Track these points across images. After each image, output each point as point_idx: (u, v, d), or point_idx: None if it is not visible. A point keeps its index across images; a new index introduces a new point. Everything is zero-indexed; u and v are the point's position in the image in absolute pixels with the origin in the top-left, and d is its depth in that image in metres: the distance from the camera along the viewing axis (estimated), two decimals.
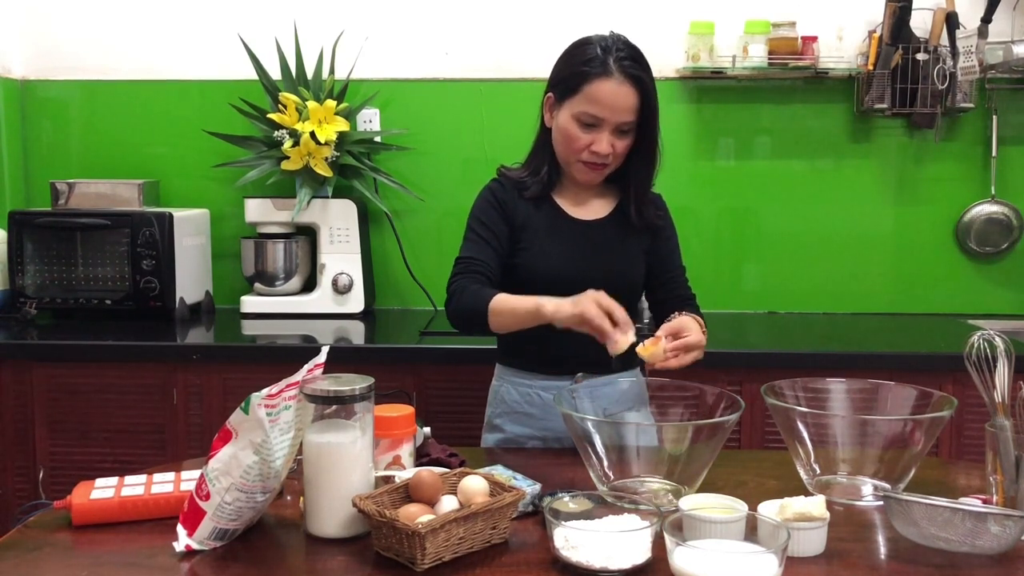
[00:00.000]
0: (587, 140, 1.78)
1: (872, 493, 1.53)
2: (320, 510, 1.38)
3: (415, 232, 3.05)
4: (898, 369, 2.35)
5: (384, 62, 3.02)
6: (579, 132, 1.78)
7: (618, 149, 1.79)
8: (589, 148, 1.78)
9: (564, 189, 1.91)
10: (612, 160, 1.81)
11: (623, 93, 1.75)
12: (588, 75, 1.75)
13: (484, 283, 1.79)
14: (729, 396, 1.60)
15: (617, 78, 1.74)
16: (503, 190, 1.89)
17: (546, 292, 1.77)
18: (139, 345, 2.51)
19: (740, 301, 3.07)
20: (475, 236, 1.86)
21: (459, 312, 1.79)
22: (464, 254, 1.85)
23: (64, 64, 3.07)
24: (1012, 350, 1.44)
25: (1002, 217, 2.98)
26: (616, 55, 1.75)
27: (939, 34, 2.86)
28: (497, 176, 1.95)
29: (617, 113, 1.76)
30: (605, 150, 1.77)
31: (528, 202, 1.88)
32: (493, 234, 1.85)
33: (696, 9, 2.93)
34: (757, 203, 3.04)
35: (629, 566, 1.25)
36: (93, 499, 1.43)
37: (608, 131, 1.77)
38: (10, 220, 2.79)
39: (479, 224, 1.87)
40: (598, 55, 1.76)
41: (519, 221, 1.87)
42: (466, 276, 1.80)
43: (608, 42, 1.78)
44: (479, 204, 1.90)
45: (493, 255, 1.84)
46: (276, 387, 1.32)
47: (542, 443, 1.90)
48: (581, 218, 1.90)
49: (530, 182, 1.88)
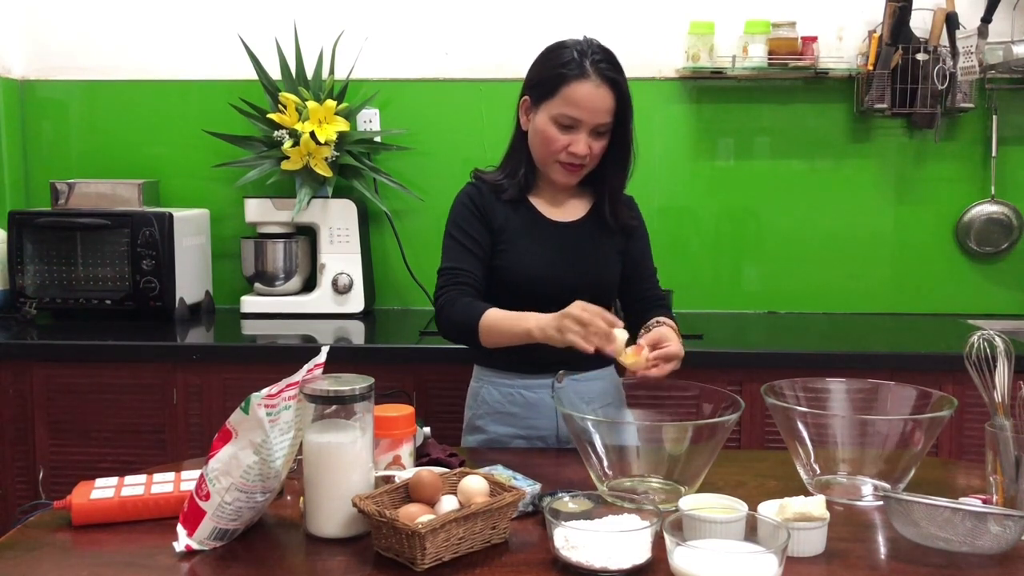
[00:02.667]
0: (565, 141, 1.80)
1: (872, 493, 1.53)
2: (320, 510, 1.38)
3: (415, 232, 3.05)
4: (898, 369, 2.35)
5: (384, 62, 3.02)
6: (557, 134, 1.80)
7: (595, 150, 1.82)
8: (567, 149, 1.80)
9: (540, 191, 1.93)
10: (589, 161, 1.83)
11: (600, 95, 1.77)
12: (566, 77, 1.78)
13: (471, 294, 1.82)
14: (729, 396, 1.60)
15: (594, 80, 1.77)
16: (480, 194, 1.90)
17: (527, 293, 1.82)
18: (139, 345, 2.51)
19: (740, 301, 3.07)
20: (456, 244, 1.87)
21: (449, 327, 1.82)
22: (448, 264, 1.86)
23: (64, 64, 3.07)
24: (1012, 350, 1.44)
25: (1002, 217, 2.98)
26: (592, 58, 1.78)
27: (939, 34, 2.86)
28: (472, 179, 1.96)
29: (595, 115, 1.78)
30: (583, 151, 1.80)
31: (505, 204, 1.89)
32: (474, 240, 1.86)
33: (696, 9, 2.93)
34: (757, 203, 3.04)
35: (629, 566, 1.25)
36: (93, 499, 1.43)
37: (585, 132, 1.79)
38: (10, 220, 2.79)
39: (459, 231, 1.88)
40: (575, 58, 1.78)
41: (497, 224, 1.88)
42: (454, 288, 1.82)
43: (583, 45, 1.81)
44: (457, 211, 1.91)
45: (476, 262, 1.85)
46: (276, 387, 1.32)
47: (526, 442, 1.90)
48: (558, 219, 1.91)
49: (507, 184, 1.90)
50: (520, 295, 1.84)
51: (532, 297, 1.82)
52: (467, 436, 1.98)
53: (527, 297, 1.82)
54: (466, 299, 1.80)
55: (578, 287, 1.84)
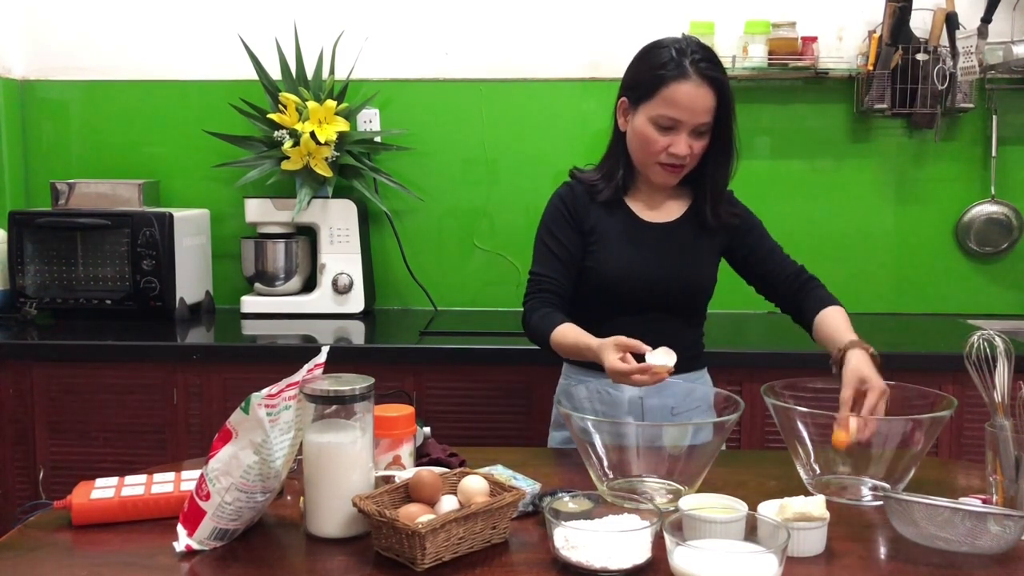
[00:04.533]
0: (665, 142, 1.78)
1: (872, 493, 1.53)
2: (320, 510, 1.38)
3: (415, 232, 3.05)
4: (898, 369, 2.34)
5: (384, 62, 3.02)
6: (656, 135, 1.78)
7: (695, 150, 1.80)
8: (667, 150, 1.79)
9: (637, 192, 1.92)
10: (689, 161, 1.81)
11: (701, 95, 1.75)
12: (665, 78, 1.76)
13: (553, 301, 1.84)
14: (729, 396, 1.60)
15: (695, 80, 1.74)
16: (573, 195, 1.90)
17: (617, 294, 1.83)
18: (139, 345, 2.51)
19: (740, 301, 3.04)
20: (545, 249, 1.89)
21: (529, 335, 1.86)
22: (535, 269, 1.89)
23: (64, 64, 3.07)
24: (1012, 350, 1.44)
25: (1002, 217, 2.98)
26: (692, 57, 1.75)
27: (939, 34, 2.86)
28: (569, 178, 1.95)
29: (695, 115, 1.76)
30: (683, 152, 1.78)
31: (600, 205, 1.89)
32: (562, 245, 1.87)
33: (696, 9, 2.93)
34: (757, 203, 3.01)
35: (629, 566, 1.25)
36: (93, 499, 1.43)
37: (685, 133, 1.77)
38: (10, 220, 2.79)
39: (549, 235, 1.89)
40: (673, 58, 1.76)
41: (589, 225, 1.88)
42: (537, 296, 1.85)
43: (683, 44, 1.78)
44: (549, 213, 1.92)
45: (562, 268, 1.87)
46: (276, 387, 1.32)
47: None
48: (654, 221, 1.90)
49: (602, 186, 1.89)
50: (610, 296, 1.84)
51: (622, 298, 1.83)
52: (553, 432, 2.00)
53: (617, 298, 1.83)
54: (545, 309, 1.82)
55: (670, 288, 1.85)
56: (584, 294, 1.88)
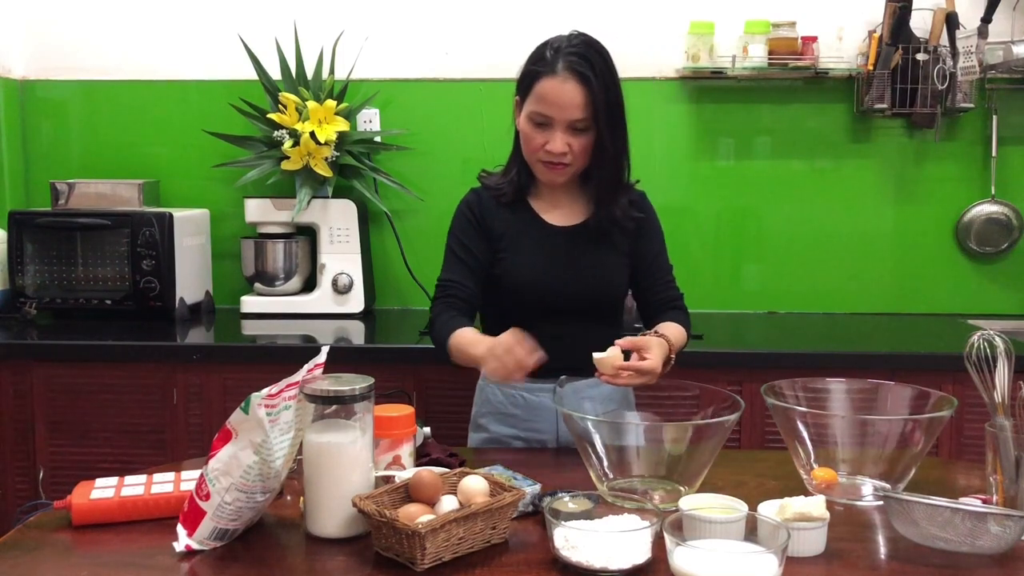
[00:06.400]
0: (541, 140, 1.78)
1: (872, 493, 1.53)
2: (320, 510, 1.38)
3: (415, 232, 3.05)
4: (898, 369, 2.35)
5: (384, 62, 3.02)
6: (534, 132, 1.78)
7: (575, 148, 1.78)
8: (544, 148, 1.78)
9: (540, 192, 1.91)
10: (572, 159, 1.79)
11: (567, 90, 1.73)
12: (537, 74, 1.77)
13: (458, 306, 1.83)
14: (729, 396, 1.60)
15: (561, 76, 1.74)
16: (479, 201, 1.90)
17: (529, 301, 1.83)
18: (139, 345, 2.51)
19: (740, 301, 3.07)
20: (452, 256, 1.89)
21: (432, 340, 1.86)
22: (442, 276, 1.89)
23: (64, 64, 3.07)
24: (1012, 350, 1.44)
25: (1002, 217, 2.97)
26: (565, 52, 1.75)
27: (939, 34, 2.86)
28: (478, 181, 1.95)
29: (563, 111, 1.74)
30: (559, 149, 1.76)
31: (505, 208, 1.88)
32: (469, 251, 1.87)
33: (696, 9, 2.93)
34: (757, 203, 3.04)
35: (629, 566, 1.25)
36: (93, 499, 1.43)
37: (560, 130, 1.76)
38: (10, 220, 2.79)
39: (456, 242, 1.89)
40: (547, 55, 1.77)
41: (497, 231, 1.87)
42: (442, 301, 1.85)
43: (562, 41, 1.78)
44: (456, 221, 1.92)
45: (469, 274, 1.86)
46: (276, 387, 1.32)
47: (525, 443, 1.90)
48: (556, 224, 1.89)
49: (506, 188, 1.89)
50: (521, 302, 1.84)
51: (534, 305, 1.82)
52: (472, 433, 1.99)
53: (530, 304, 1.83)
54: (448, 314, 1.81)
55: (578, 293, 1.84)
56: (499, 300, 1.87)
